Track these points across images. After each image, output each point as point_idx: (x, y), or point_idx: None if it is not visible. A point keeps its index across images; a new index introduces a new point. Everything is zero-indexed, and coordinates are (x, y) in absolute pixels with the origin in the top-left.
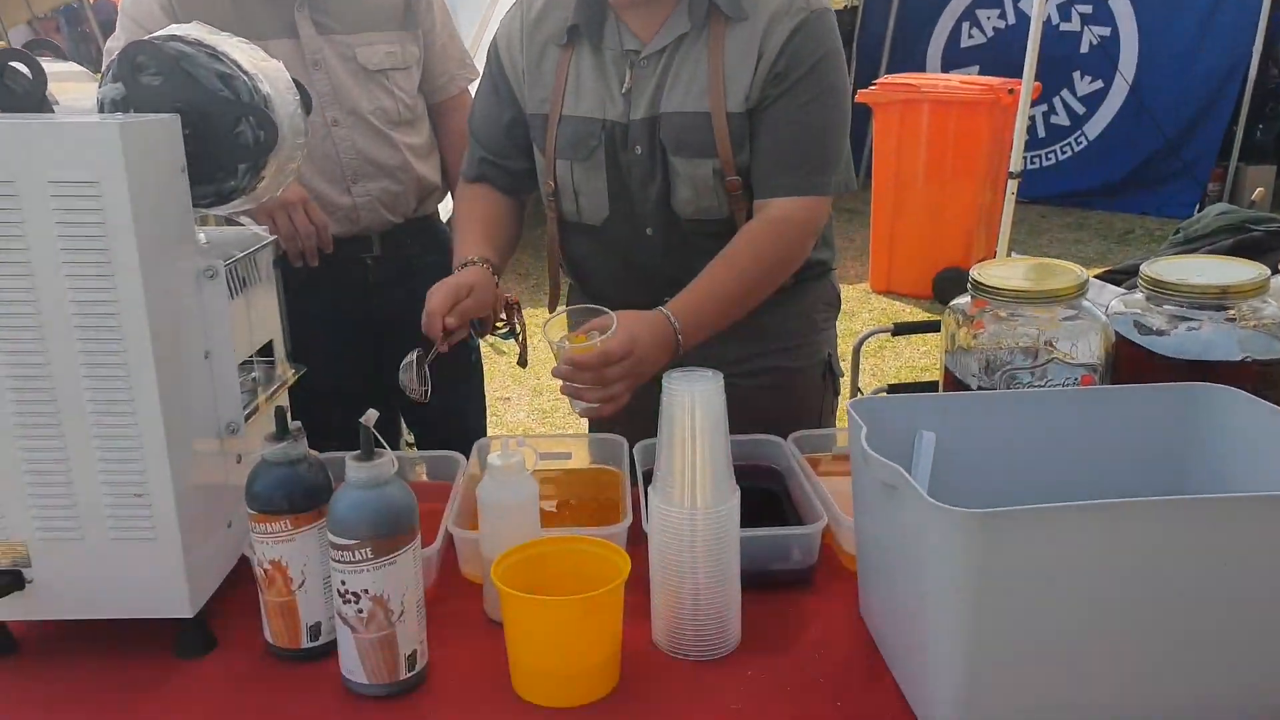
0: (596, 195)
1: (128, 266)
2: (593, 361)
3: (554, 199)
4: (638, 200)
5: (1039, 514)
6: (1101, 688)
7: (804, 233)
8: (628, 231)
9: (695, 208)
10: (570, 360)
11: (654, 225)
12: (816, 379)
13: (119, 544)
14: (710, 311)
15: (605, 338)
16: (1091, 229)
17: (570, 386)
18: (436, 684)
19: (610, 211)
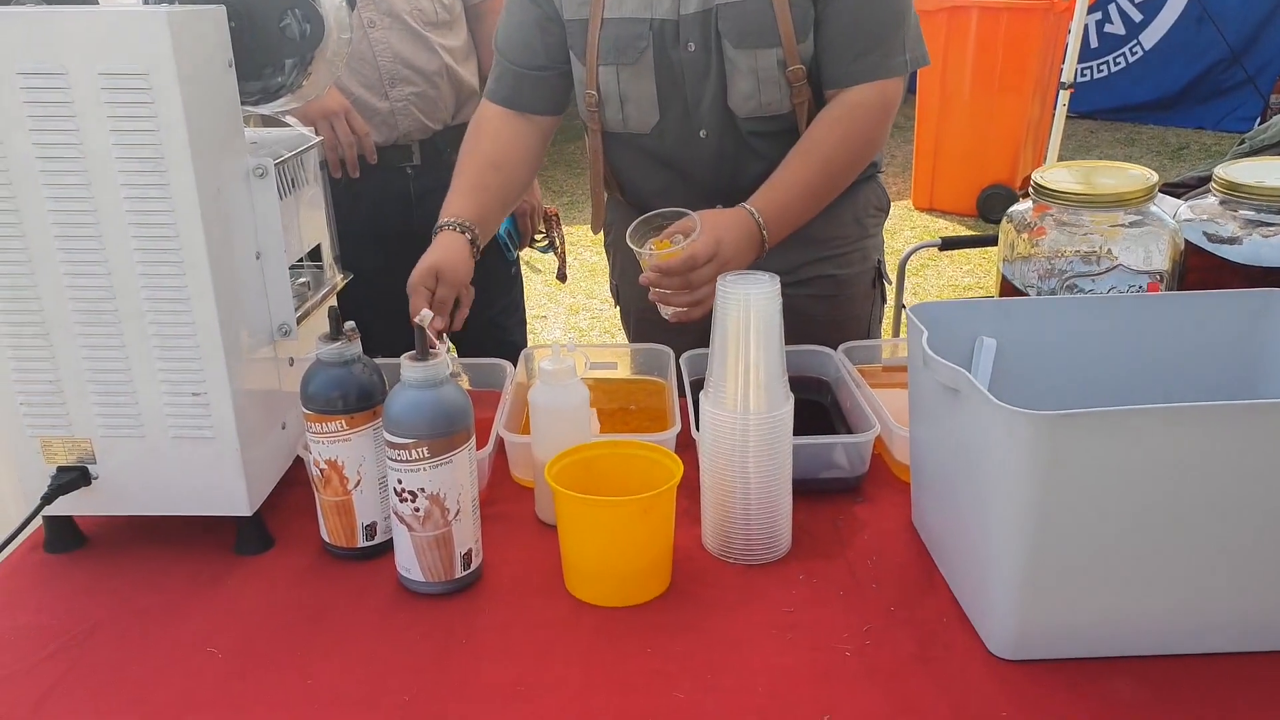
0: (645, 101)
1: (180, 162)
2: (679, 266)
3: (597, 110)
4: (691, 102)
5: (1108, 417)
6: (1162, 598)
7: (881, 116)
8: (679, 137)
9: (756, 103)
10: (656, 266)
11: (708, 128)
12: (866, 286)
13: (179, 443)
14: (795, 205)
15: (690, 240)
16: (1143, 144)
17: (658, 293)
18: (490, 583)
19: (660, 117)
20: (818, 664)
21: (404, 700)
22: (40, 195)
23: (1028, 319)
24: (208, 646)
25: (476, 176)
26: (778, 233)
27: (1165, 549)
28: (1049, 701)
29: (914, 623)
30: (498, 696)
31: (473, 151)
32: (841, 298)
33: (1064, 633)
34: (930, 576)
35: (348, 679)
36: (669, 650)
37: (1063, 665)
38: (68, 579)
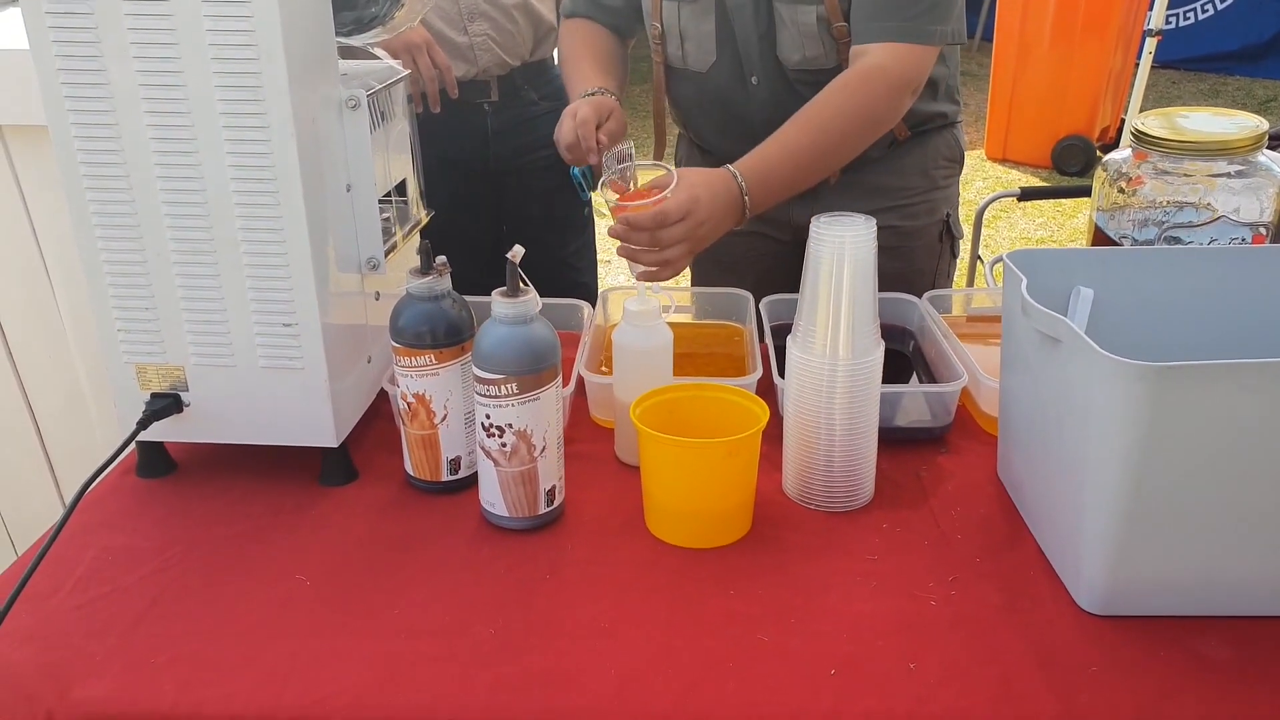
0: (704, 40)
1: (278, 91)
2: (648, 222)
3: (660, 42)
4: (744, 47)
5: (1213, 370)
6: (1256, 558)
7: (897, 87)
8: (733, 80)
9: (801, 56)
10: (625, 219)
11: (759, 74)
12: (933, 240)
13: (269, 373)
14: (782, 171)
15: (661, 197)
16: (1228, 96)
17: (626, 248)
18: (572, 521)
19: (717, 58)
20: (902, 612)
21: (490, 632)
22: (142, 124)
23: (1126, 270)
24: (296, 574)
25: (592, 59)
26: (761, 198)
27: (1264, 508)
28: (1136, 657)
29: (999, 574)
30: (581, 632)
31: (577, 48)
32: (905, 249)
33: (1155, 589)
34: (1016, 529)
35: (433, 610)
36: (751, 593)
37: (1150, 622)
38: (159, 503)
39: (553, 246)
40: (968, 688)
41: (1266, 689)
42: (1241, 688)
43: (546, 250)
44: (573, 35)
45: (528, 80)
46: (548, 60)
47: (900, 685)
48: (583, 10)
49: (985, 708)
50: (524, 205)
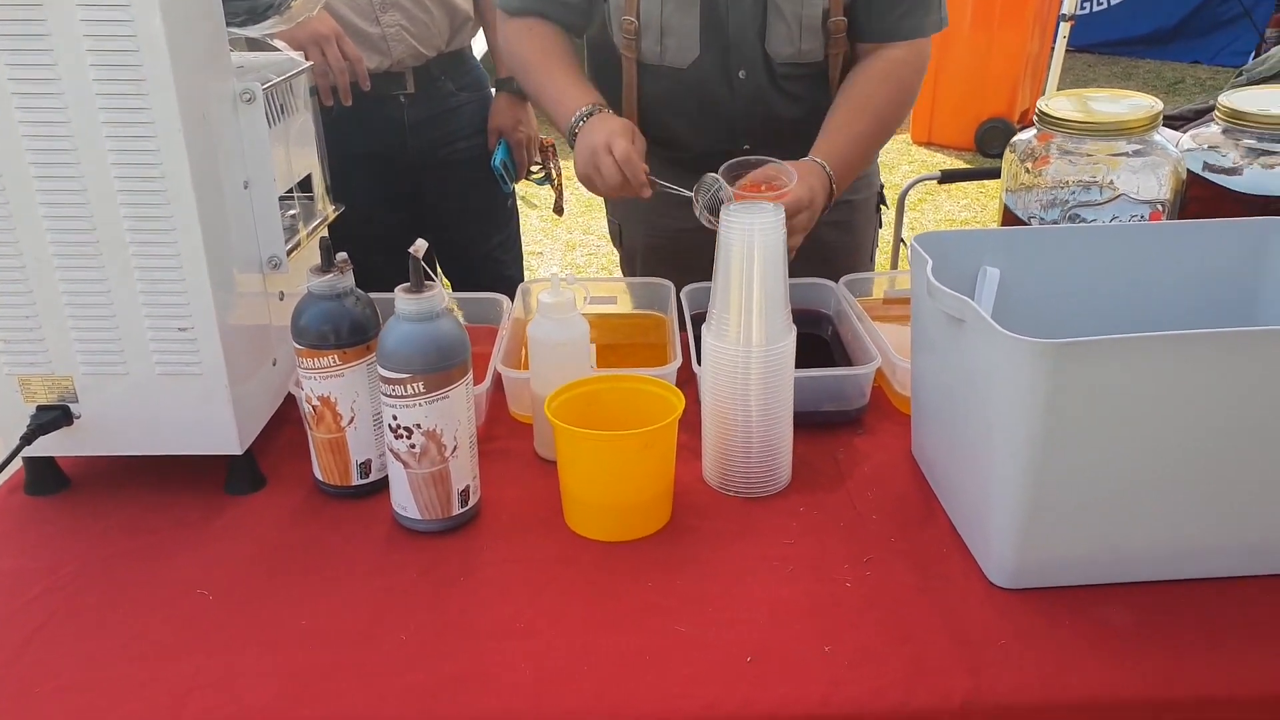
0: (687, 35)
1: (162, 85)
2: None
3: (634, 39)
4: (733, 41)
5: (1112, 345)
6: (1160, 526)
7: (921, 73)
8: (716, 75)
9: (795, 50)
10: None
11: (747, 68)
12: (871, 211)
13: (165, 379)
14: (855, 156)
15: (791, 187)
16: (1140, 79)
17: None
18: (489, 520)
19: (700, 53)
20: (818, 595)
21: (401, 638)
22: (13, 120)
23: (1030, 249)
24: (198, 588)
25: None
26: (842, 183)
27: (1166, 477)
28: (1044, 628)
29: (913, 553)
30: (496, 633)
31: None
32: (849, 223)
33: (1063, 561)
34: (930, 507)
35: (344, 618)
36: (669, 584)
37: (1059, 593)
38: (50, 522)
39: (476, 240)
40: (881, 668)
41: (1164, 652)
42: (1141, 653)
43: (470, 244)
44: (528, 38)
45: (445, 71)
46: (465, 50)
47: (815, 669)
48: (533, 8)
49: (898, 687)
50: (445, 198)
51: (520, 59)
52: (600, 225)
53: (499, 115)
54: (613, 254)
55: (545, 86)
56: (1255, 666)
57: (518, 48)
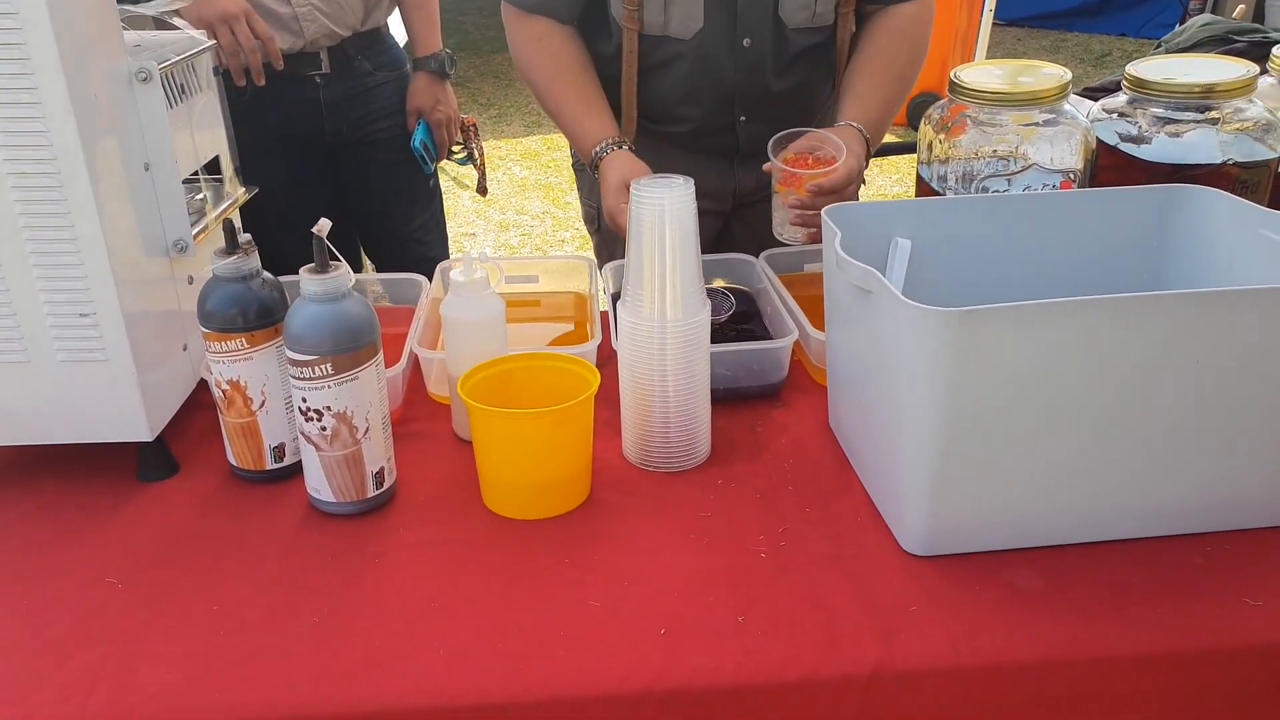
0: (692, 4)
1: (48, 65)
2: (840, 183)
3: (637, 11)
4: (741, 8)
5: (1012, 311)
6: (1066, 490)
7: (930, 27)
8: (721, 45)
9: (809, 14)
10: (818, 186)
11: (755, 36)
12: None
13: (69, 367)
14: (884, 117)
15: (842, 160)
16: (1068, 51)
17: (803, 215)
18: (406, 501)
19: (704, 23)
20: (733, 567)
21: (314, 621)
22: None
23: (942, 219)
24: (106, 577)
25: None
26: (875, 146)
27: (1070, 441)
28: (954, 594)
29: (828, 522)
30: (410, 614)
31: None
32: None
33: (973, 527)
34: (845, 477)
35: (255, 603)
36: (587, 560)
37: (970, 559)
38: None
39: (399, 221)
40: (794, 637)
41: (1070, 613)
42: (1047, 615)
43: (393, 225)
44: (538, 52)
45: (361, 50)
46: (382, 29)
47: (728, 640)
48: (545, 6)
49: (811, 655)
50: (366, 179)
51: (532, 80)
52: (532, 205)
53: (417, 95)
54: (547, 234)
55: (561, 112)
56: (1160, 626)
57: (530, 65)
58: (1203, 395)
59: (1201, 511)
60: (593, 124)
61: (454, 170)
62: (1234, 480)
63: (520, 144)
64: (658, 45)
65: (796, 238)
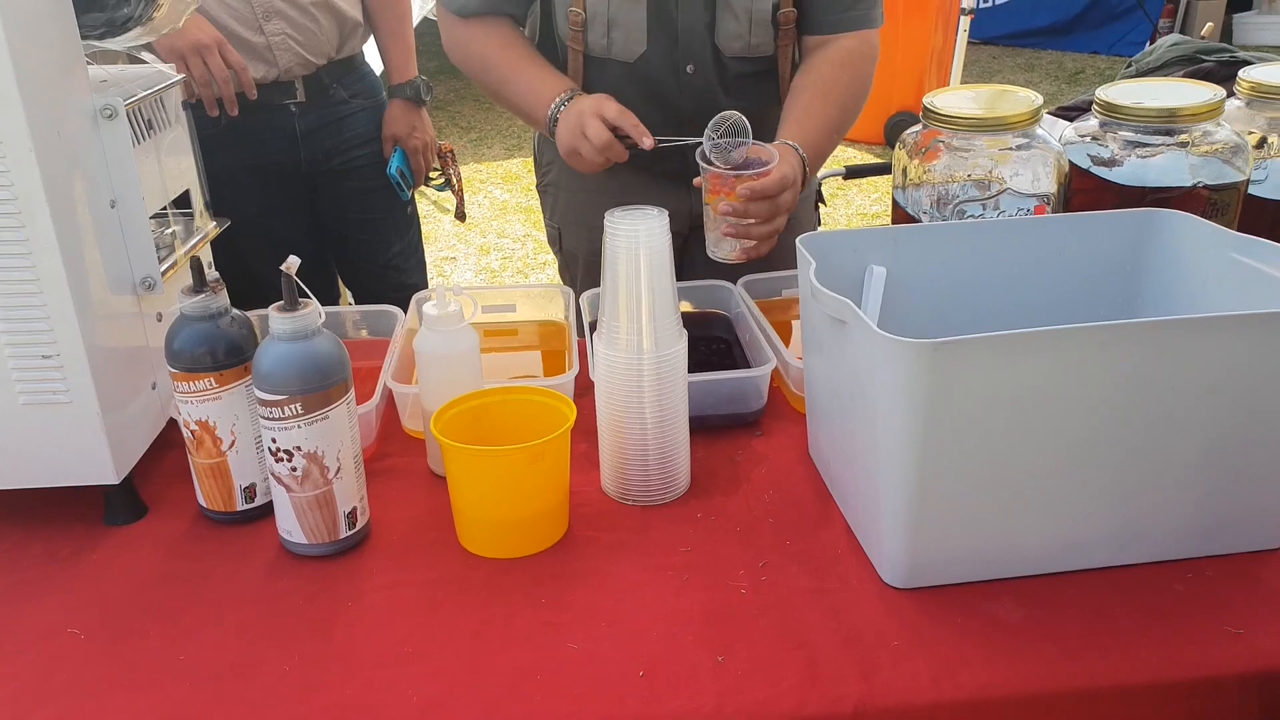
0: (634, 28)
1: (8, 102)
2: (774, 188)
3: (580, 31)
4: (682, 35)
5: (990, 342)
6: (1044, 520)
7: (874, 62)
8: (664, 69)
9: (745, 44)
10: (752, 188)
11: (696, 62)
12: (810, 208)
13: (31, 410)
14: (822, 141)
15: (770, 166)
16: (1042, 69)
17: (738, 225)
18: (380, 541)
19: (647, 46)
20: (712, 604)
21: (285, 669)
22: None
23: (917, 246)
24: (69, 627)
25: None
26: (814, 169)
27: (1048, 471)
28: (935, 627)
29: (809, 556)
30: (383, 659)
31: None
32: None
33: (953, 559)
34: (826, 508)
35: (224, 650)
36: (563, 600)
37: (951, 590)
38: None
39: (376, 249)
40: (775, 676)
41: (1051, 645)
42: (1029, 647)
43: (370, 253)
44: (486, 37)
45: (336, 79)
46: (357, 57)
47: (708, 680)
48: (487, 7)
49: (792, 695)
50: (342, 208)
51: (480, 57)
52: (514, 229)
53: (393, 122)
54: (528, 257)
55: (513, 80)
56: (1140, 656)
57: (477, 46)
58: (1179, 422)
59: (1181, 538)
60: (551, 82)
61: (434, 194)
62: (1213, 506)
63: (501, 167)
64: (603, 67)
65: (730, 254)
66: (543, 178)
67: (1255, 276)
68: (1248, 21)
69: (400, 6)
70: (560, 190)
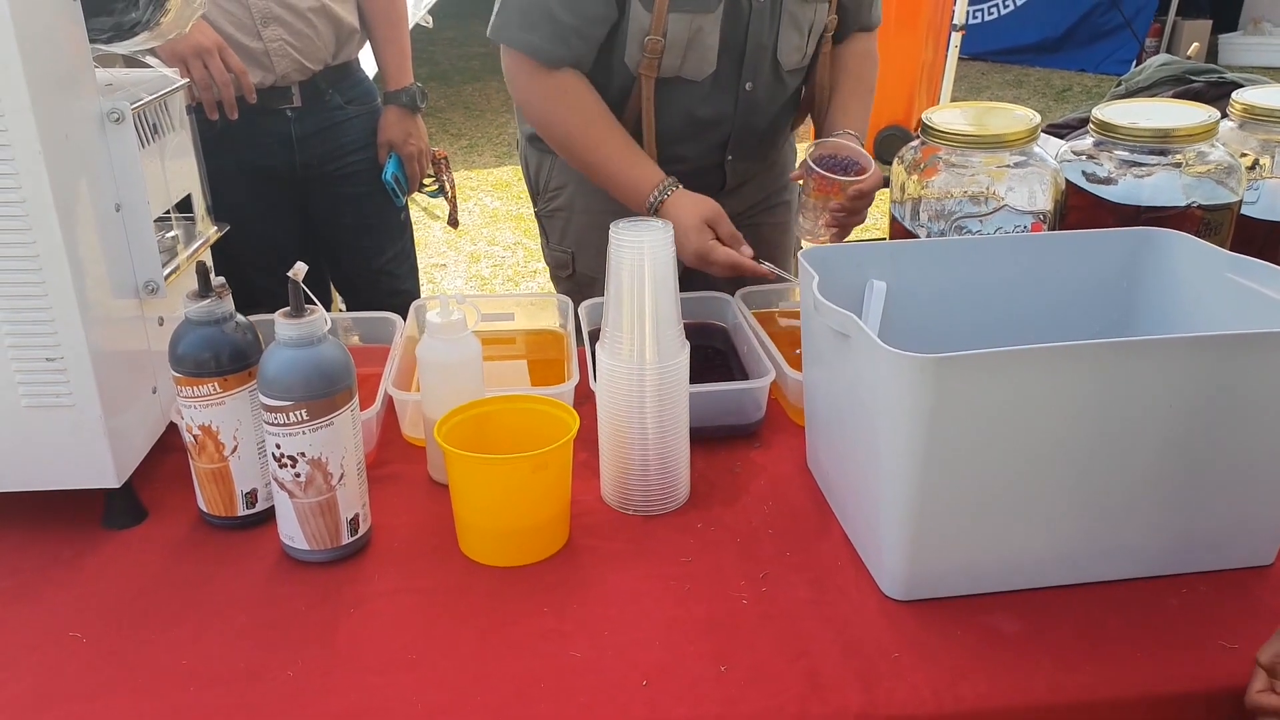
0: (708, 49)
1: (18, 106)
2: (877, 187)
3: (656, 58)
4: (749, 53)
5: (990, 358)
6: (1043, 534)
7: (877, 54)
8: (725, 88)
9: (801, 55)
10: (860, 190)
11: (755, 80)
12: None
13: (33, 413)
14: (865, 128)
15: (875, 169)
16: (1030, 86)
17: (840, 218)
18: (381, 548)
19: (716, 66)
20: (714, 614)
21: (288, 675)
22: None
23: (915, 261)
24: (69, 631)
25: (624, 140)
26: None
27: (1048, 485)
28: (935, 639)
29: (809, 567)
30: (386, 666)
31: (587, 120)
32: (792, 224)
33: (952, 572)
34: (825, 519)
35: (227, 655)
36: (565, 609)
37: (950, 603)
38: None
39: (370, 253)
40: (777, 687)
41: (1049, 657)
42: (1028, 659)
43: (364, 258)
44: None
45: (332, 84)
46: (353, 63)
47: (710, 690)
48: (570, 57)
49: (793, 704)
50: (337, 213)
51: (561, 131)
52: (504, 236)
53: (389, 129)
54: (519, 265)
55: (604, 160)
56: (1136, 668)
57: (555, 117)
58: (1176, 438)
59: (1176, 553)
60: (643, 170)
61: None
62: (1208, 522)
63: (491, 174)
64: (666, 87)
65: (828, 240)
66: (548, 203)
67: (1250, 297)
68: (1233, 42)
69: (396, 13)
70: (574, 214)
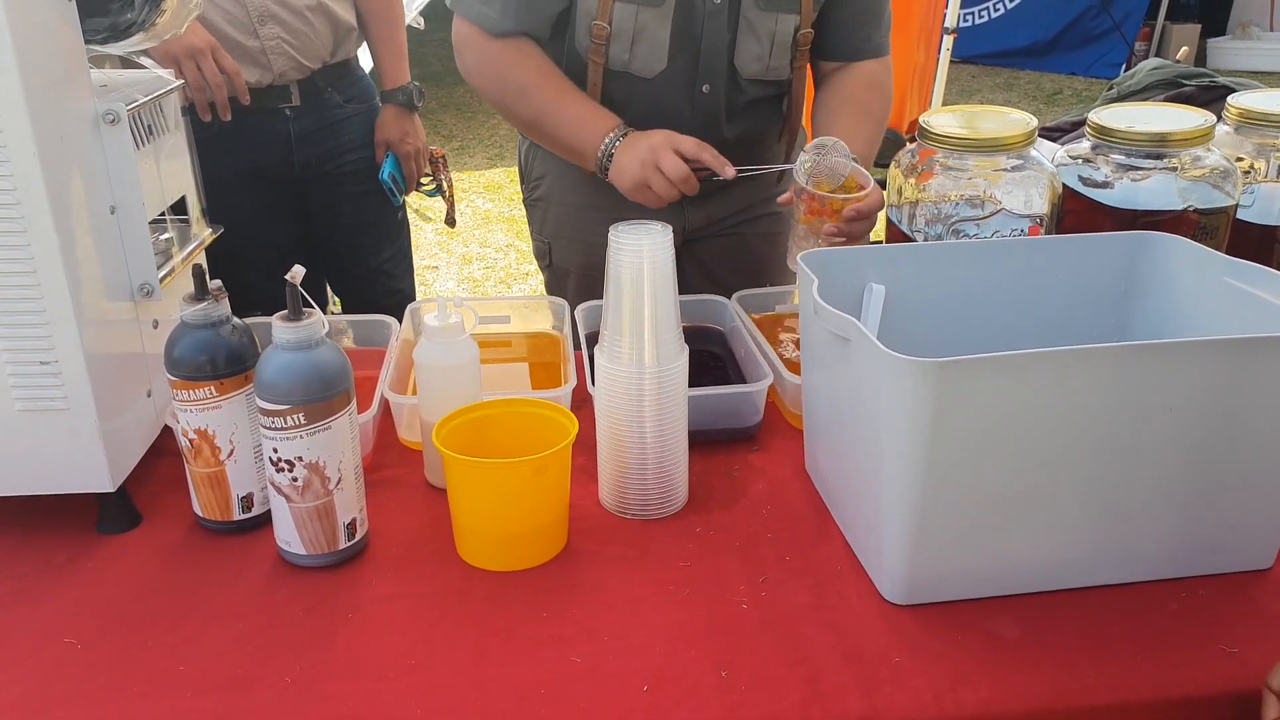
0: (656, 45)
1: (13, 106)
2: (876, 206)
3: (603, 45)
4: (703, 55)
5: (991, 362)
6: (1045, 538)
7: (891, 84)
8: (680, 88)
9: (763, 66)
10: (859, 210)
11: (712, 83)
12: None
13: (27, 416)
14: (870, 157)
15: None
16: (1021, 89)
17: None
18: (378, 553)
19: (667, 64)
20: (714, 618)
21: (285, 681)
22: None
23: (914, 265)
24: (65, 636)
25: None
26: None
27: (1049, 489)
28: (936, 644)
29: (808, 571)
30: (385, 672)
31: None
32: (782, 234)
33: (953, 576)
34: (824, 524)
35: (223, 661)
36: (565, 613)
37: (951, 607)
38: None
39: (367, 253)
40: (778, 692)
41: (1051, 662)
42: (1029, 664)
43: (361, 258)
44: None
45: (330, 82)
46: (351, 61)
47: (711, 695)
48: (519, 27)
49: (795, 710)
50: (334, 212)
51: (517, 84)
52: (496, 238)
53: (386, 128)
54: (511, 267)
55: (555, 112)
56: (1138, 673)
57: (514, 73)
58: (1180, 442)
59: (1177, 556)
60: (599, 118)
61: (416, 202)
62: (1209, 525)
63: (483, 176)
64: (618, 81)
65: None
66: (531, 192)
67: (1248, 301)
68: (1222, 46)
69: (392, 12)
70: (551, 205)
